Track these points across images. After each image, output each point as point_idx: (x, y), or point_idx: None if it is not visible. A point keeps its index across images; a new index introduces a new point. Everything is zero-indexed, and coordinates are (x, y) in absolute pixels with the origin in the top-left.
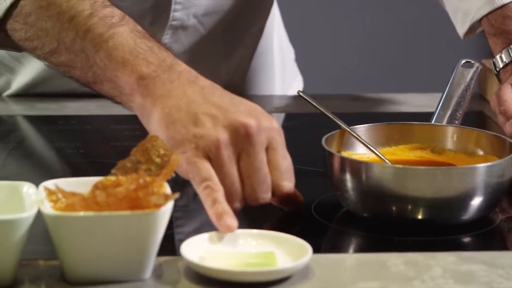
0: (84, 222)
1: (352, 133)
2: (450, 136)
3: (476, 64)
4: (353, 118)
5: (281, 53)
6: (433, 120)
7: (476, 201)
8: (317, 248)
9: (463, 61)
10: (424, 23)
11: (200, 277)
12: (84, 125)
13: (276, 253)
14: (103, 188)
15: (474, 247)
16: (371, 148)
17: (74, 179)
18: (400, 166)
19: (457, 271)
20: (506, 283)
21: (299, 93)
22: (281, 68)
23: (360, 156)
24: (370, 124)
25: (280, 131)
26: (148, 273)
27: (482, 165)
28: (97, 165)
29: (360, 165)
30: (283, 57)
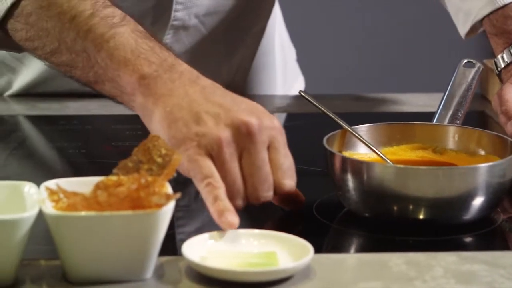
0: (85, 222)
1: (354, 133)
2: (451, 136)
3: (478, 64)
4: (355, 118)
5: (282, 53)
6: (435, 120)
7: (478, 201)
8: (319, 248)
9: (465, 61)
10: (426, 23)
11: (202, 277)
12: (85, 125)
13: (277, 253)
14: (104, 188)
15: (476, 247)
16: (373, 148)
17: (76, 179)
18: (402, 166)
19: (459, 271)
20: (508, 283)
21: (300, 93)
22: (282, 68)
23: (361, 156)
24: (371, 124)
25: (282, 130)
26: (149, 273)
27: (483, 165)
28: (98, 165)
29: (362, 165)
30: (284, 57)
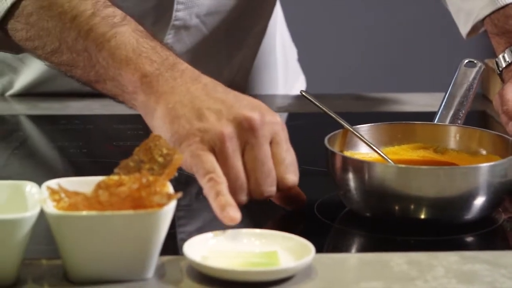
0: (86, 221)
1: (355, 132)
2: (453, 136)
3: (479, 64)
4: (356, 118)
5: (284, 53)
6: (436, 119)
7: (479, 201)
8: (320, 248)
9: (466, 61)
10: (427, 23)
11: (203, 276)
12: (87, 125)
13: (279, 253)
14: (106, 187)
15: (477, 247)
16: (374, 147)
17: (77, 179)
18: (403, 165)
19: (460, 271)
20: (509, 283)
21: (301, 92)
22: (284, 68)
23: (362, 155)
24: (372, 123)
25: (283, 126)
26: (150, 272)
27: (484, 164)
28: (100, 165)
29: (363, 164)
30: (286, 56)
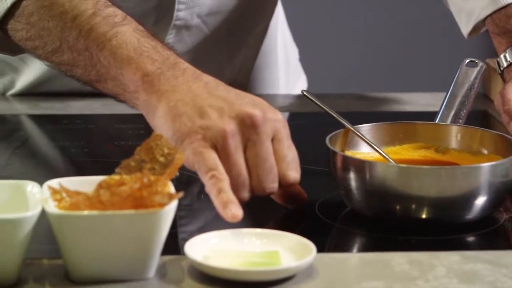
0: (88, 221)
1: (356, 132)
2: (454, 136)
3: (480, 64)
4: (357, 117)
5: (285, 53)
6: (437, 119)
7: (480, 201)
8: (321, 248)
9: (467, 61)
10: (428, 23)
11: (204, 276)
12: (88, 124)
13: (280, 252)
14: (107, 187)
15: (478, 247)
16: (375, 147)
17: (78, 178)
18: (404, 165)
19: (461, 271)
20: (510, 283)
21: (303, 92)
22: (285, 68)
23: (364, 155)
24: (374, 123)
25: (285, 123)
26: (152, 272)
27: (486, 164)
28: (101, 164)
29: (364, 164)
30: (287, 56)
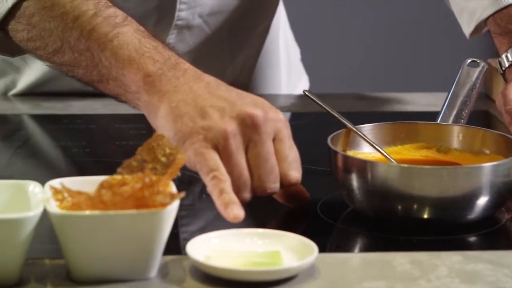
0: (89, 221)
1: (358, 132)
2: (455, 136)
3: (482, 64)
4: (359, 117)
5: (287, 53)
6: (439, 119)
7: (482, 201)
8: (323, 247)
9: (469, 61)
10: (430, 23)
11: (206, 276)
12: (89, 124)
13: (282, 252)
14: (109, 187)
15: (480, 247)
16: (377, 147)
17: (80, 178)
18: (406, 165)
19: (463, 271)
20: None
21: (304, 92)
22: (287, 68)
23: (365, 155)
24: (375, 123)
25: (286, 123)
26: (153, 272)
27: (487, 164)
28: (102, 164)
29: (366, 164)
30: (289, 56)
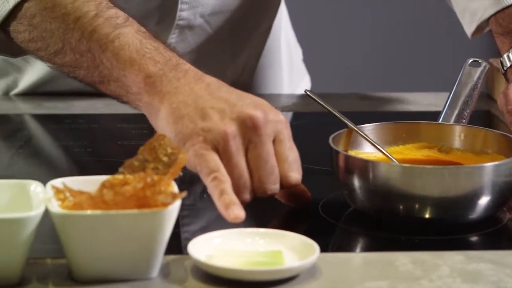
0: (91, 220)
1: (360, 132)
2: (457, 135)
3: (484, 63)
4: (361, 117)
5: (288, 53)
6: (441, 119)
7: (484, 200)
8: (325, 247)
9: (471, 60)
10: (432, 23)
11: (208, 275)
12: (91, 124)
13: (283, 252)
14: (110, 186)
15: (482, 246)
16: (378, 147)
17: (82, 178)
18: (408, 165)
19: (465, 270)
20: None
21: (306, 92)
22: (288, 68)
23: (367, 155)
24: (377, 123)
25: (287, 124)
26: (155, 271)
27: (489, 164)
28: (104, 164)
29: (367, 164)
30: (290, 56)
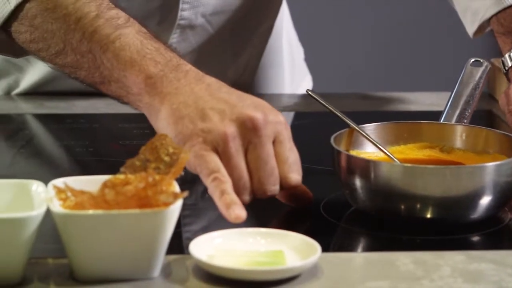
0: (93, 220)
1: (361, 131)
2: (459, 135)
3: (485, 63)
4: (362, 117)
5: (290, 52)
6: (442, 119)
7: (485, 200)
8: (326, 247)
9: (472, 60)
10: (433, 22)
11: (209, 275)
12: (92, 124)
13: (285, 252)
14: (112, 186)
15: (483, 246)
16: (380, 147)
17: (83, 178)
18: (409, 165)
19: (466, 270)
20: None
21: (308, 92)
22: (290, 67)
23: (368, 154)
24: (379, 123)
25: (287, 125)
26: (156, 271)
27: (491, 164)
28: (106, 164)
29: (369, 163)
30: (292, 56)
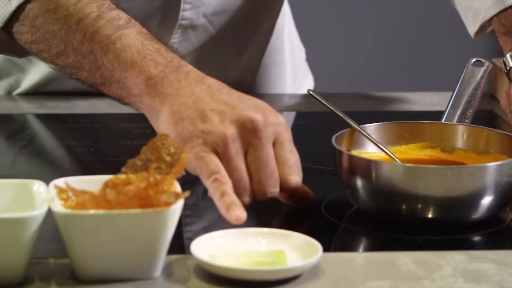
0: (94, 220)
1: (362, 131)
2: (460, 135)
3: (487, 63)
4: (363, 117)
5: (292, 52)
6: (443, 119)
7: (486, 200)
8: (327, 247)
9: (474, 60)
10: (434, 22)
11: (210, 275)
12: (94, 124)
13: (286, 252)
14: (113, 186)
15: (485, 246)
16: (381, 146)
17: (85, 177)
18: (410, 165)
19: (467, 270)
20: None
21: (309, 92)
22: (292, 67)
23: (370, 154)
24: (380, 122)
25: (287, 126)
26: (158, 271)
27: (492, 164)
28: (107, 163)
29: (370, 163)
30: (294, 56)
